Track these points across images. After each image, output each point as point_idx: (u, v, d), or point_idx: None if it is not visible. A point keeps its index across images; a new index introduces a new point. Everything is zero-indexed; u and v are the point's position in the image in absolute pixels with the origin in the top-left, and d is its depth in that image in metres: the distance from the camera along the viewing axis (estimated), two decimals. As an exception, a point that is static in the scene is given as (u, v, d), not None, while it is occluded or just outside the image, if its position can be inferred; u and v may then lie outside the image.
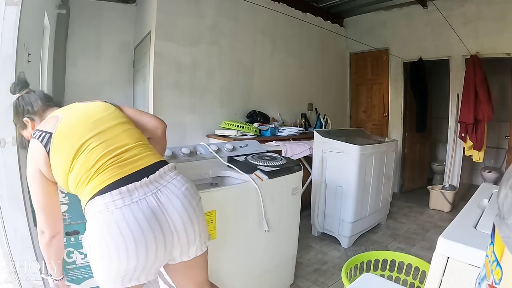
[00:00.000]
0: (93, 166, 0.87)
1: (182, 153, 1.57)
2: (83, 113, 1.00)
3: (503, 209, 0.35)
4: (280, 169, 1.61)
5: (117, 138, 0.95)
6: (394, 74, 3.98)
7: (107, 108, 1.04)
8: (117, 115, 1.02)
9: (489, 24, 3.12)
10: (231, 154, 1.72)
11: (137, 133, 1.02)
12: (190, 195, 0.94)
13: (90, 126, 0.95)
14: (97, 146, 0.90)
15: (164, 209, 0.87)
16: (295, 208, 1.82)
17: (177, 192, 0.91)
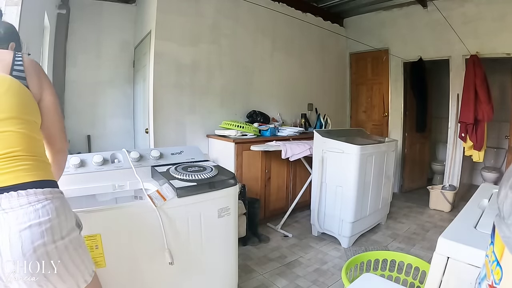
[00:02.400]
0: None
1: (93, 161, 1.38)
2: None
3: (503, 209, 0.35)
4: (198, 184, 1.32)
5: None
6: (394, 74, 3.98)
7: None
8: (1, 104, 0.77)
9: (489, 24, 3.12)
10: (156, 162, 1.53)
11: (14, 137, 0.77)
12: (32, 238, 0.71)
13: None
14: None
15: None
16: (228, 234, 1.49)
17: (13, 228, 0.70)
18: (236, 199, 1.51)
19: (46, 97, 0.91)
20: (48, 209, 0.76)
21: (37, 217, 0.73)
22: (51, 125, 0.92)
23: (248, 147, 2.61)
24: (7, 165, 0.74)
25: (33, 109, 0.86)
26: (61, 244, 0.77)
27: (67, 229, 0.79)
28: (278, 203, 2.98)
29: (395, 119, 4.02)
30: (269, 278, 2.01)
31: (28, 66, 0.88)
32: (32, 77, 0.87)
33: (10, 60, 0.86)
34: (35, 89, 0.87)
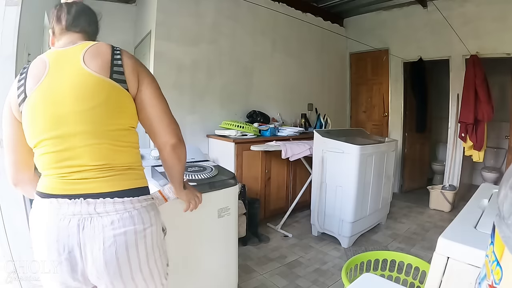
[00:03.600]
0: (43, 170, 0.77)
1: None
2: (54, 93, 0.73)
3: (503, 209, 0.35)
4: (198, 184, 1.31)
5: (73, 152, 0.73)
6: (394, 74, 3.98)
7: (94, 96, 0.73)
8: (96, 115, 0.74)
9: (489, 24, 3.12)
10: (156, 162, 1.52)
11: (108, 150, 0.76)
12: (126, 244, 0.74)
13: (50, 122, 0.73)
14: (49, 154, 0.75)
15: (83, 245, 0.73)
16: (228, 234, 1.48)
17: (108, 232, 0.73)
18: (236, 199, 1.51)
19: (143, 92, 0.82)
20: (144, 216, 0.78)
21: (132, 223, 0.76)
22: (149, 120, 0.84)
23: (248, 147, 2.61)
24: (102, 174, 0.75)
25: (132, 115, 0.81)
26: (151, 251, 0.80)
27: (158, 236, 0.83)
28: (278, 203, 2.98)
29: (395, 119, 4.02)
30: (269, 278, 2.01)
31: (128, 63, 0.79)
32: (131, 76, 0.79)
33: (109, 57, 0.77)
34: (132, 88, 0.80)
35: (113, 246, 0.73)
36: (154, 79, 0.86)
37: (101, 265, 0.74)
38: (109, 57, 0.77)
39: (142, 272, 0.79)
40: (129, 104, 0.80)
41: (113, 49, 0.79)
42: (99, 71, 0.74)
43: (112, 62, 0.76)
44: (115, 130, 0.77)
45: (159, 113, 0.85)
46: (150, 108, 0.83)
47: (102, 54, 0.77)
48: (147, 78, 0.84)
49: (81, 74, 0.74)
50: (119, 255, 0.74)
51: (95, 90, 0.73)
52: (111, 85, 0.75)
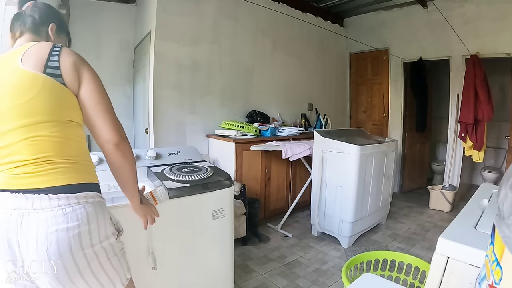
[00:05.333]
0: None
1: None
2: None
3: (503, 209, 0.35)
4: (190, 185, 1.29)
5: (13, 148, 0.74)
6: (394, 74, 3.98)
7: (28, 90, 0.75)
8: (31, 108, 0.74)
9: (489, 24, 3.12)
10: (152, 163, 1.51)
11: (47, 142, 0.76)
12: (57, 243, 0.71)
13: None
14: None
15: (20, 241, 0.72)
16: (223, 236, 1.46)
17: (41, 230, 0.71)
18: (231, 201, 1.49)
19: (83, 88, 0.82)
20: (79, 214, 0.74)
21: (65, 221, 0.73)
22: (91, 117, 0.84)
23: (248, 147, 2.61)
24: (39, 169, 0.74)
25: (71, 108, 0.81)
26: (90, 252, 0.76)
27: (99, 236, 0.78)
28: (278, 203, 2.98)
29: (395, 119, 4.02)
30: (269, 278, 2.01)
31: (65, 60, 0.80)
32: (69, 72, 0.80)
33: (46, 54, 0.79)
34: (72, 84, 0.80)
35: (45, 244, 0.71)
36: (96, 76, 0.85)
37: (35, 263, 0.72)
38: (46, 54, 0.78)
39: (82, 276, 0.75)
40: (67, 98, 0.80)
41: (52, 47, 0.81)
42: (33, 67, 0.76)
43: (48, 58, 0.78)
44: (52, 122, 0.76)
45: (99, 111, 0.83)
46: (90, 104, 0.83)
47: (39, 52, 0.79)
48: (87, 74, 0.83)
49: (16, 72, 0.76)
50: (51, 254, 0.71)
51: (29, 85, 0.75)
52: (45, 79, 0.76)
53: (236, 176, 2.63)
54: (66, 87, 0.79)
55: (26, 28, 0.89)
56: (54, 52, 0.80)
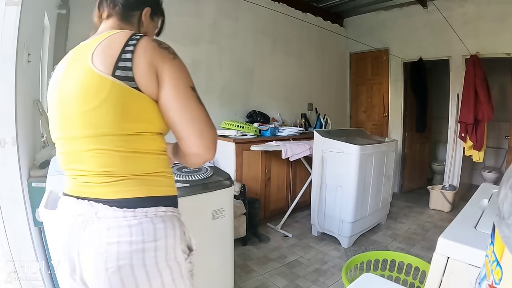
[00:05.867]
0: (61, 169, 0.76)
1: None
2: (63, 92, 0.71)
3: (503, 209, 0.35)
4: (190, 185, 1.28)
5: (78, 156, 0.69)
6: (394, 74, 3.98)
7: (93, 96, 0.65)
8: (95, 117, 0.66)
9: (489, 24, 3.12)
10: None
11: (111, 156, 0.67)
12: (117, 255, 0.65)
13: (60, 121, 0.71)
14: (61, 153, 0.73)
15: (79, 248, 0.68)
16: (223, 236, 1.44)
17: (102, 238, 0.66)
18: (231, 201, 1.48)
19: (162, 92, 0.69)
20: (145, 228, 0.66)
21: (129, 234, 0.65)
22: (173, 126, 0.72)
23: (248, 147, 2.61)
24: (105, 180, 0.67)
25: (143, 118, 0.69)
26: (153, 270, 0.67)
27: (166, 254, 0.69)
28: (278, 203, 2.98)
29: (395, 119, 4.02)
30: (269, 278, 2.01)
31: (140, 58, 0.66)
32: (143, 73, 0.66)
33: (118, 51, 0.66)
34: (148, 88, 0.67)
35: (104, 254, 0.65)
36: (179, 76, 0.72)
37: (93, 273, 0.67)
38: (119, 50, 0.66)
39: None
40: (139, 106, 0.67)
41: (128, 39, 0.67)
42: (102, 67, 0.65)
43: (120, 56, 0.65)
44: (118, 136, 0.66)
45: (183, 119, 0.71)
46: (171, 113, 0.70)
47: (112, 46, 0.67)
48: (168, 75, 0.69)
49: (85, 71, 0.66)
50: (108, 265, 0.65)
51: (95, 90, 0.65)
52: (112, 84, 0.64)
53: (236, 176, 2.63)
54: (141, 91, 0.66)
55: (114, 11, 0.78)
56: (128, 47, 0.66)
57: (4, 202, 1.33)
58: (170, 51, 0.73)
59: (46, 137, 1.80)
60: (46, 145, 1.79)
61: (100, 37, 0.70)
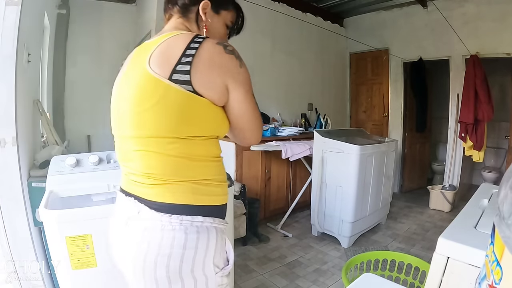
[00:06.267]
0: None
1: (89, 161, 1.37)
2: (122, 90, 0.74)
3: (503, 209, 0.35)
4: None
5: (129, 155, 0.72)
6: (394, 74, 3.98)
7: (148, 98, 0.65)
8: (145, 119, 0.66)
9: (489, 24, 3.12)
10: None
11: (155, 159, 0.67)
12: (156, 258, 0.66)
13: (117, 119, 0.76)
14: (116, 150, 0.78)
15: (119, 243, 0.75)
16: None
17: (143, 239, 0.68)
18: (231, 200, 1.50)
19: (232, 97, 0.70)
20: (176, 235, 0.66)
21: (159, 238, 0.66)
22: (238, 125, 0.75)
23: (248, 147, 2.61)
24: (149, 182, 0.68)
25: (197, 123, 0.68)
26: (176, 277, 0.67)
27: (193, 264, 0.68)
28: (278, 203, 2.98)
29: (395, 119, 4.02)
30: (269, 278, 2.01)
31: (201, 63, 0.64)
32: (204, 78, 0.65)
33: (179, 54, 0.64)
34: (210, 92, 0.66)
35: (134, 251, 0.68)
36: (242, 83, 0.72)
37: (128, 266, 0.71)
38: (179, 53, 0.64)
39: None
40: (193, 109, 0.66)
41: (190, 42, 0.65)
42: (158, 70, 0.64)
43: (180, 59, 0.63)
44: (167, 138, 0.66)
45: (245, 121, 0.75)
46: (232, 117, 0.73)
47: (172, 49, 0.65)
48: (236, 82, 0.70)
49: (142, 72, 0.66)
50: (135, 262, 0.68)
51: (150, 92, 0.65)
52: (167, 87, 0.63)
53: (236, 176, 2.63)
54: (199, 95, 0.65)
55: (174, 10, 0.78)
56: (190, 51, 0.64)
57: (4, 202, 1.33)
58: (236, 56, 0.71)
59: (46, 137, 1.80)
60: (46, 145, 1.79)
61: (161, 37, 0.69)
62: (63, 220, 1.06)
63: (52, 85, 2.57)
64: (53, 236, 1.06)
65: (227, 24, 0.83)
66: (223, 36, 0.84)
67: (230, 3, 0.82)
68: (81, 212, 1.09)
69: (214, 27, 0.81)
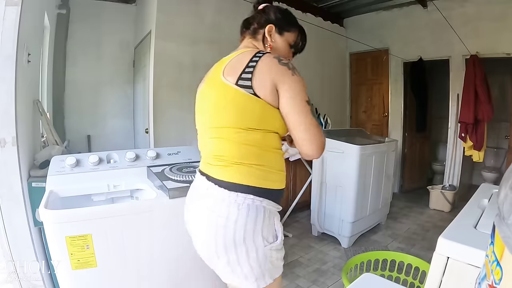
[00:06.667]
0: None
1: (89, 161, 1.38)
2: (201, 95, 0.97)
3: (503, 209, 0.35)
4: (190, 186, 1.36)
5: (205, 143, 0.94)
6: (394, 74, 3.98)
7: (222, 100, 0.86)
8: (221, 115, 0.87)
9: (489, 24, 3.12)
10: (152, 163, 1.51)
11: (224, 143, 0.86)
12: (224, 230, 0.83)
13: (199, 116, 0.98)
14: (199, 139, 1.00)
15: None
16: None
17: (212, 213, 0.85)
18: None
19: (280, 102, 0.85)
20: (231, 210, 0.82)
21: (219, 209, 0.83)
22: (291, 131, 0.87)
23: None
24: (217, 163, 0.87)
25: (255, 117, 0.84)
26: (231, 244, 0.83)
27: (243, 235, 0.83)
28: (278, 203, 2.98)
29: (395, 119, 4.02)
30: (269, 278, 2.01)
31: (259, 72, 0.82)
32: (261, 83, 0.82)
33: (243, 65, 0.84)
34: (267, 96, 0.83)
35: (198, 221, 0.89)
36: (294, 91, 0.84)
37: (198, 235, 0.91)
38: (243, 64, 0.84)
39: (219, 258, 0.85)
40: (253, 107, 0.83)
41: (252, 56, 0.85)
42: (230, 78, 0.85)
43: (244, 70, 0.83)
44: (234, 128, 0.85)
45: (297, 128, 0.85)
46: (287, 121, 0.86)
47: (239, 62, 0.86)
48: (287, 88, 0.84)
49: (217, 81, 0.88)
50: (197, 230, 0.89)
51: (223, 95, 0.86)
52: (235, 90, 0.83)
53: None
54: (259, 97, 0.82)
55: (246, 33, 1.00)
56: (252, 63, 0.84)
57: (4, 202, 1.33)
58: (289, 67, 0.86)
59: (46, 137, 1.80)
60: (46, 145, 1.79)
61: (233, 54, 0.91)
62: (63, 220, 1.05)
63: (52, 85, 2.57)
64: (53, 236, 1.06)
65: (290, 43, 1.01)
66: (287, 53, 1.01)
67: (292, 26, 1.00)
68: (81, 212, 1.09)
69: (278, 46, 0.99)
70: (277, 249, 0.88)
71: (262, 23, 0.97)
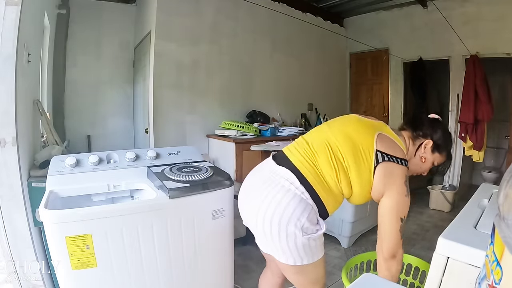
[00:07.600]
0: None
1: (89, 161, 1.37)
2: (344, 117, 1.17)
3: (503, 209, 0.35)
4: (191, 185, 1.30)
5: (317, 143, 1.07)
6: (394, 74, 3.98)
7: (355, 134, 1.05)
8: (344, 145, 1.02)
9: (489, 24, 3.12)
10: (152, 163, 1.51)
11: (325, 162, 1.02)
12: (274, 211, 0.96)
13: (332, 129, 1.14)
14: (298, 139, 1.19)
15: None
16: (223, 236, 1.46)
17: (273, 197, 0.99)
18: (231, 201, 1.48)
19: (382, 203, 1.07)
20: (286, 198, 0.95)
21: (277, 192, 0.97)
22: (378, 225, 1.06)
23: (248, 147, 2.61)
24: (305, 158, 1.02)
25: (359, 175, 1.02)
26: (276, 226, 0.95)
27: (288, 221, 0.95)
28: (278, 203, 2.98)
29: (395, 119, 4.02)
30: (269, 278, 2.01)
31: (380, 169, 1.01)
32: (378, 179, 1.02)
33: (391, 152, 1.02)
34: (375, 185, 1.05)
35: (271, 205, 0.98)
36: (396, 203, 1.02)
37: (255, 216, 1.01)
38: (391, 152, 1.01)
39: (265, 236, 0.98)
40: (364, 170, 1.01)
41: (398, 157, 1.02)
42: (378, 143, 1.02)
43: (387, 154, 1.01)
44: (345, 160, 1.02)
45: (384, 227, 1.04)
46: (379, 213, 1.06)
47: (390, 144, 1.03)
48: (389, 196, 1.03)
49: (370, 131, 1.05)
50: (254, 208, 1.01)
51: (361, 135, 1.04)
52: (372, 148, 1.01)
53: (236, 176, 2.63)
54: (374, 173, 1.02)
55: (410, 129, 1.14)
56: (387, 157, 1.00)
57: (4, 202, 1.33)
58: (402, 182, 1.01)
59: (46, 137, 1.80)
60: (46, 145, 1.79)
61: (393, 132, 1.08)
62: (63, 220, 1.05)
63: (52, 85, 2.57)
64: (53, 236, 1.05)
65: (434, 163, 1.13)
66: (426, 169, 1.14)
67: (445, 151, 1.12)
68: (81, 212, 1.09)
69: (426, 160, 1.11)
70: (314, 239, 0.99)
71: (426, 134, 1.10)
